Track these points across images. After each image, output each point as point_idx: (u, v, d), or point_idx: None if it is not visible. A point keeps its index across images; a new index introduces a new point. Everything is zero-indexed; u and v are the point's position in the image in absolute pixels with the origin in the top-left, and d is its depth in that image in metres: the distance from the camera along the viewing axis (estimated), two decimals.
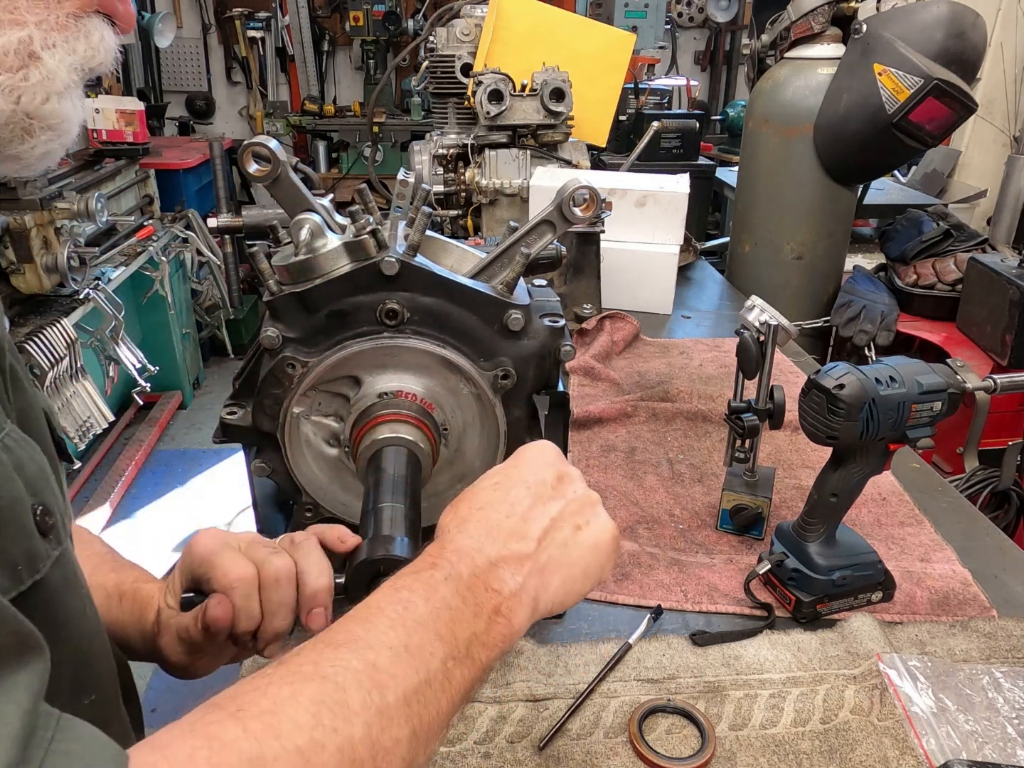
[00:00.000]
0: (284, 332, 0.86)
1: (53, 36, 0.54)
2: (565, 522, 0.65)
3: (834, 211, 2.52)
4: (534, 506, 0.65)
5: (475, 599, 0.58)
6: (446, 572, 0.59)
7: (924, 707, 0.91)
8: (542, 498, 0.66)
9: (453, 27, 2.59)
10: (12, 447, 0.52)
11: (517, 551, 0.62)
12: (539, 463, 0.69)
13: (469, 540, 0.62)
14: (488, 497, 0.66)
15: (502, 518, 0.64)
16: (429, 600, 0.56)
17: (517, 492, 0.66)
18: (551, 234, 0.92)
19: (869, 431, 0.97)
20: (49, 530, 0.54)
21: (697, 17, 6.16)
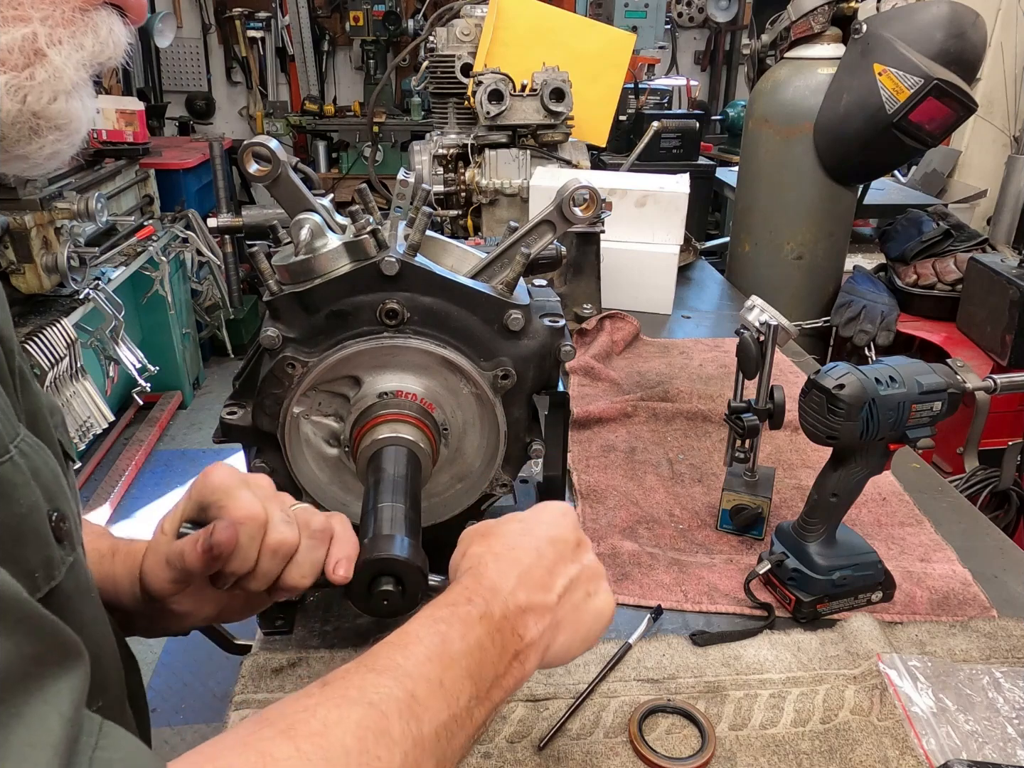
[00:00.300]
0: (284, 332, 0.86)
1: (59, 32, 0.53)
2: (580, 586, 0.68)
3: (834, 211, 2.52)
4: (558, 563, 0.68)
5: (503, 641, 0.61)
6: (481, 610, 0.61)
7: (924, 707, 0.91)
8: (564, 558, 0.69)
9: (453, 27, 2.59)
10: (28, 452, 0.52)
11: (543, 602, 0.65)
12: (562, 524, 0.72)
13: (504, 581, 0.64)
14: (518, 541, 0.68)
15: (533, 565, 0.66)
16: (465, 637, 0.58)
17: (544, 545, 0.68)
18: (551, 234, 0.92)
19: (869, 431, 0.98)
20: (64, 536, 0.54)
21: (697, 17, 6.16)
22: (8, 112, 0.53)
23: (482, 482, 0.97)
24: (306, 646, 0.99)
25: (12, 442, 0.50)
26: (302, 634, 1.01)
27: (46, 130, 0.55)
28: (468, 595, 0.62)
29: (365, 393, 0.88)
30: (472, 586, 0.63)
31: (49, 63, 0.53)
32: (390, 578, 0.70)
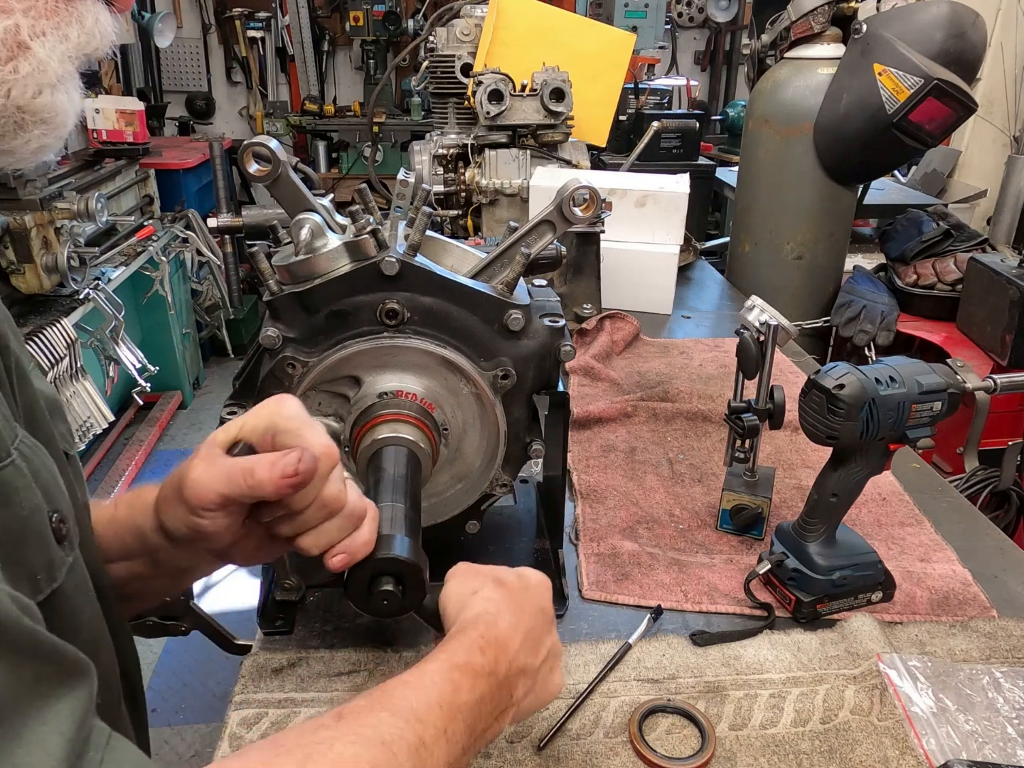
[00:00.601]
0: (284, 332, 0.86)
1: (42, 23, 0.52)
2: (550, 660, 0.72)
3: (834, 211, 2.52)
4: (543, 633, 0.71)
5: (498, 700, 0.64)
6: (491, 666, 0.63)
7: (924, 707, 0.91)
8: (547, 628, 0.72)
9: (453, 27, 2.59)
10: (28, 454, 0.52)
11: (531, 666, 0.68)
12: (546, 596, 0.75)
13: (512, 638, 0.67)
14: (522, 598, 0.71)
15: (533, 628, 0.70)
16: (472, 690, 0.61)
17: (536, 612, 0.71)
18: (551, 234, 0.92)
19: (869, 431, 0.98)
20: (64, 537, 0.54)
21: (697, 17, 6.16)
22: None
23: (482, 482, 0.97)
24: (306, 646, 0.99)
25: (12, 444, 0.50)
26: (302, 634, 1.01)
27: (31, 124, 0.54)
28: (482, 645, 0.64)
29: (365, 393, 0.88)
30: (487, 635, 0.65)
31: (33, 56, 0.52)
32: (390, 578, 0.70)
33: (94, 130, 3.81)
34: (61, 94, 0.55)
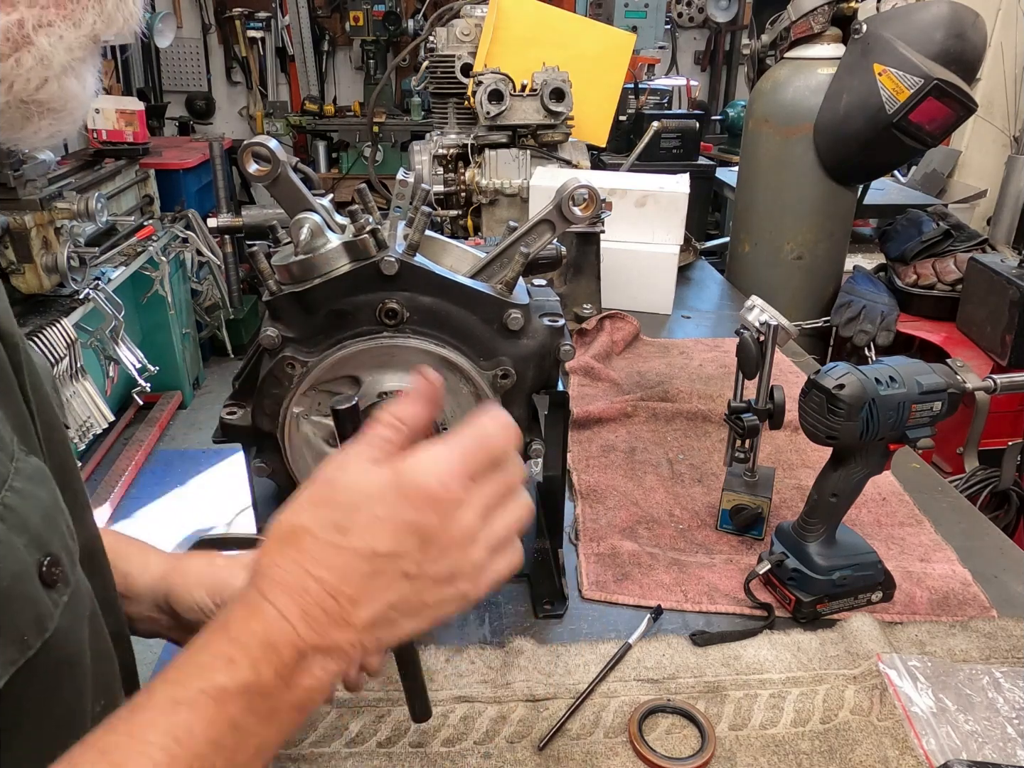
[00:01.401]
0: (284, 332, 0.86)
1: (49, 14, 0.50)
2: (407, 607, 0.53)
3: (834, 211, 2.52)
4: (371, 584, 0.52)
5: (271, 706, 0.50)
6: (244, 679, 0.49)
7: (924, 707, 0.91)
8: (386, 575, 0.52)
9: (453, 27, 2.59)
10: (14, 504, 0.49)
11: (335, 641, 0.51)
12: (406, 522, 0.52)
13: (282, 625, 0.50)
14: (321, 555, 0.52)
15: (326, 595, 0.51)
16: (213, 724, 0.47)
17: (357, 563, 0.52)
18: (551, 234, 0.92)
19: (869, 431, 0.97)
20: (56, 580, 0.51)
21: (697, 17, 6.16)
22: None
23: None
24: None
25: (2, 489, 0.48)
26: None
27: (38, 115, 0.53)
28: (230, 654, 0.49)
29: (365, 393, 0.88)
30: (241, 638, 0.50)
31: (36, 48, 0.50)
32: None
33: (94, 130, 3.81)
34: (70, 80, 0.53)
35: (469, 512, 0.54)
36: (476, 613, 1.08)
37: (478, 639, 1.03)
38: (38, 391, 0.60)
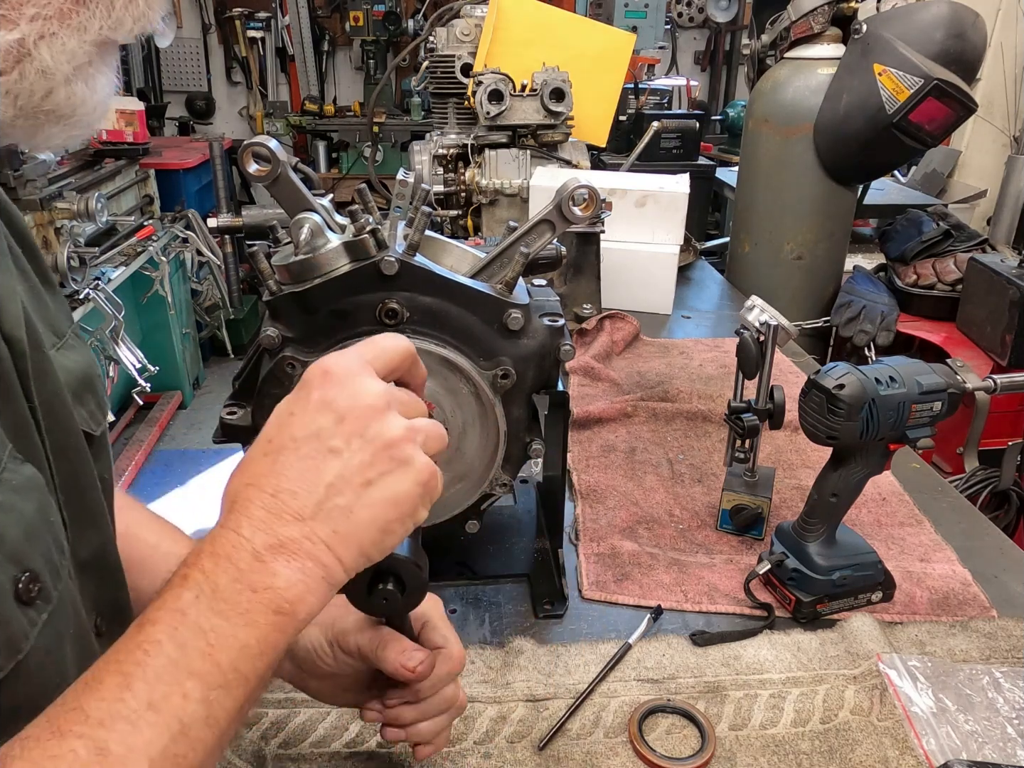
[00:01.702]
0: (284, 332, 0.86)
1: (52, 25, 0.49)
2: (347, 483, 0.53)
3: (834, 211, 2.52)
4: (304, 471, 0.53)
5: (242, 607, 0.50)
6: (197, 589, 0.50)
7: (924, 707, 0.91)
8: (314, 457, 0.54)
9: (453, 27, 2.59)
10: None
11: (288, 535, 0.52)
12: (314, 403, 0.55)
13: (230, 536, 0.52)
14: (257, 468, 0.54)
15: (268, 497, 0.53)
16: (177, 632, 0.48)
17: (285, 457, 0.54)
18: (551, 234, 0.92)
19: (869, 431, 0.98)
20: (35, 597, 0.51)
21: (697, 17, 6.16)
22: (3, 113, 0.50)
23: (482, 482, 0.97)
24: None
25: None
26: None
27: (48, 123, 0.53)
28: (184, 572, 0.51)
29: None
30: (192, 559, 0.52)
31: (37, 60, 0.50)
32: (390, 578, 0.70)
33: None
34: (78, 86, 0.52)
35: (372, 383, 0.56)
36: (476, 613, 1.08)
37: (478, 639, 1.03)
38: (54, 397, 0.59)
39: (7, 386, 0.54)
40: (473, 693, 0.93)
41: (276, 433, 0.55)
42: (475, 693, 0.93)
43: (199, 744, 0.47)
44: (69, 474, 0.60)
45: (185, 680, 0.47)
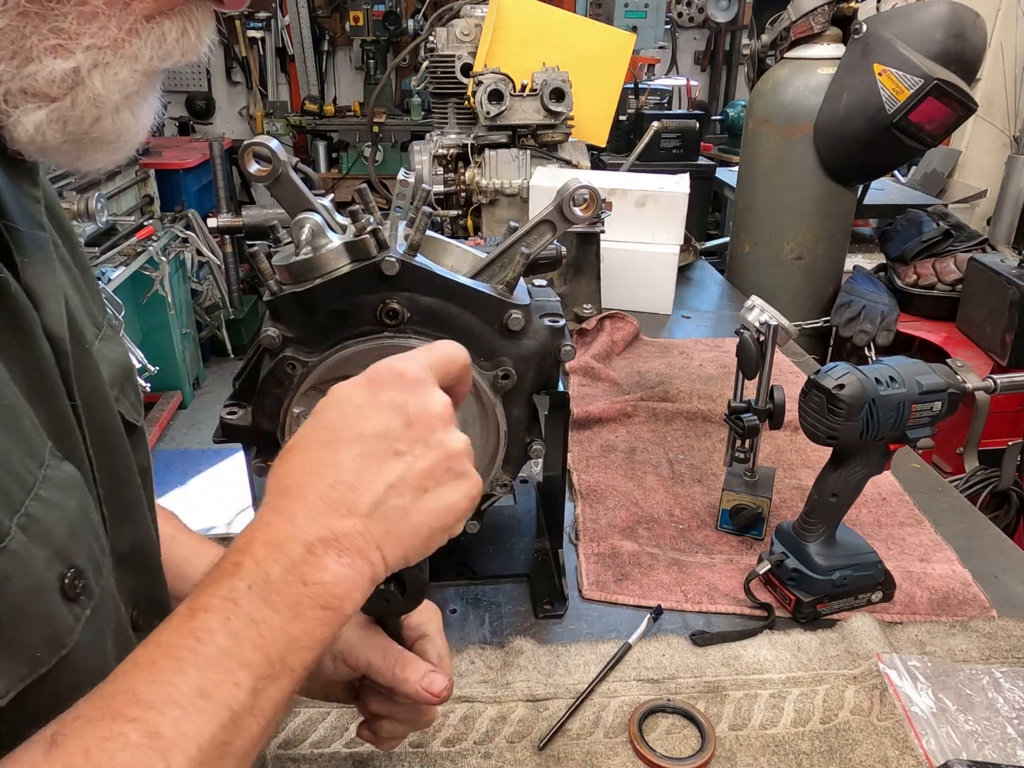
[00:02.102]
0: (284, 332, 0.86)
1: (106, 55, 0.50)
2: (407, 486, 0.54)
3: (834, 211, 2.52)
4: (366, 467, 0.54)
5: (292, 599, 0.50)
6: (250, 579, 0.50)
7: (924, 707, 0.91)
8: (378, 456, 0.54)
9: (453, 27, 2.59)
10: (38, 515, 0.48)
11: (342, 530, 0.52)
12: (384, 403, 0.55)
13: (284, 525, 0.52)
14: (315, 457, 0.55)
15: (326, 487, 0.53)
16: (229, 621, 0.49)
17: (348, 451, 0.54)
18: (551, 234, 0.92)
19: (869, 431, 0.98)
20: (80, 593, 0.51)
21: (697, 17, 6.16)
22: (51, 140, 0.51)
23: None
24: None
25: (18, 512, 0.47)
26: None
27: (92, 149, 0.53)
28: (236, 560, 0.51)
29: None
30: (243, 544, 0.52)
31: (90, 89, 0.50)
32: (390, 578, 0.70)
33: None
34: (124, 114, 0.53)
35: (440, 394, 0.57)
36: (476, 613, 1.08)
37: (478, 639, 1.03)
38: (93, 394, 0.59)
39: (50, 385, 0.54)
40: (473, 693, 0.93)
41: (340, 424, 0.55)
42: (475, 693, 0.93)
43: (246, 733, 0.48)
44: (108, 469, 0.60)
45: (236, 670, 0.48)
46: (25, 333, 0.52)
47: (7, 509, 0.46)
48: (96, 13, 0.48)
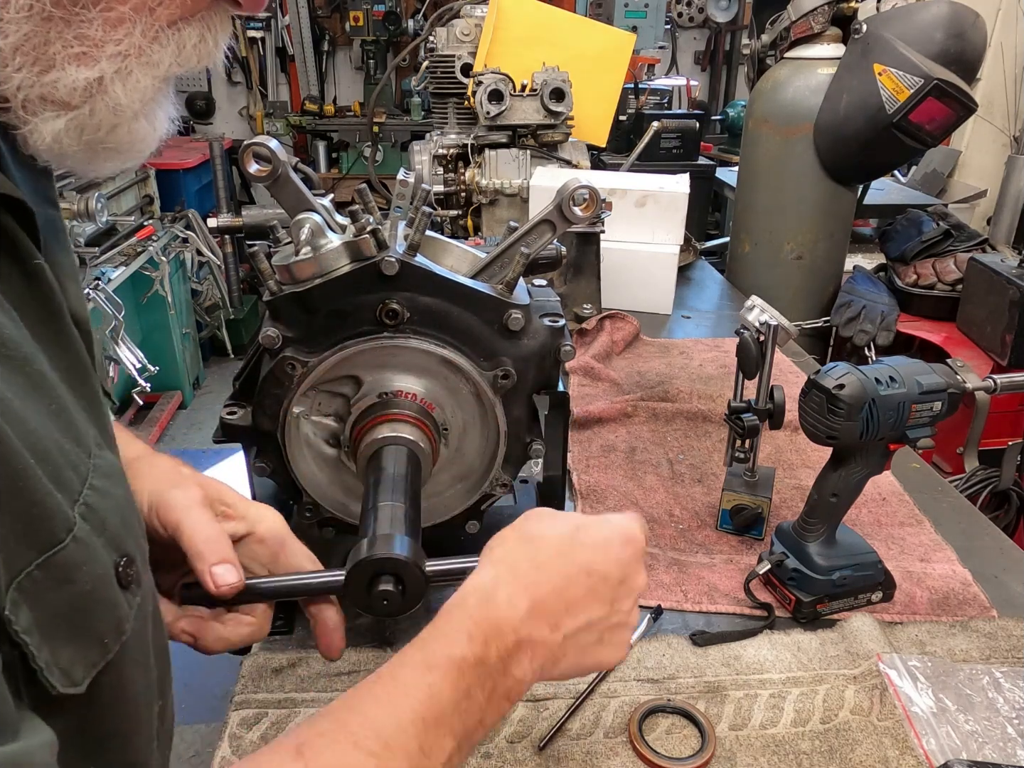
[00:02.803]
0: (284, 332, 0.86)
1: (129, 63, 0.49)
2: (596, 631, 0.63)
3: (834, 211, 2.52)
4: (582, 600, 0.62)
5: (492, 685, 0.57)
6: (479, 654, 0.57)
7: (924, 707, 0.91)
8: (594, 596, 0.63)
9: (453, 27, 2.59)
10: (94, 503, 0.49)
11: (545, 640, 0.60)
12: (614, 552, 0.65)
13: (511, 611, 0.59)
14: (549, 561, 0.63)
15: (552, 595, 0.61)
16: (456, 689, 0.55)
17: (577, 575, 0.63)
18: (551, 234, 0.92)
19: (869, 431, 0.97)
20: (131, 580, 0.52)
21: (697, 17, 6.16)
22: (67, 147, 0.50)
23: (482, 482, 0.97)
24: (306, 646, 0.99)
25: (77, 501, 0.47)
26: (302, 634, 1.01)
27: (105, 156, 0.53)
28: (469, 630, 0.58)
29: (365, 393, 0.88)
30: (476, 617, 0.58)
31: (111, 97, 0.50)
32: (390, 577, 0.70)
33: None
34: (140, 122, 0.53)
35: (644, 573, 0.67)
36: None
37: None
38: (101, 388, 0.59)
39: (84, 370, 0.53)
40: None
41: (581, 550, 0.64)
42: None
43: None
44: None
45: (447, 735, 0.54)
46: (57, 318, 0.52)
47: (69, 499, 0.46)
48: (123, 19, 0.48)
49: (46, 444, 0.45)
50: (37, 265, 0.50)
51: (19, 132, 0.49)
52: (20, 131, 0.49)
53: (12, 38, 0.45)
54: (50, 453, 0.45)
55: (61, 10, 0.46)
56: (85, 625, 0.47)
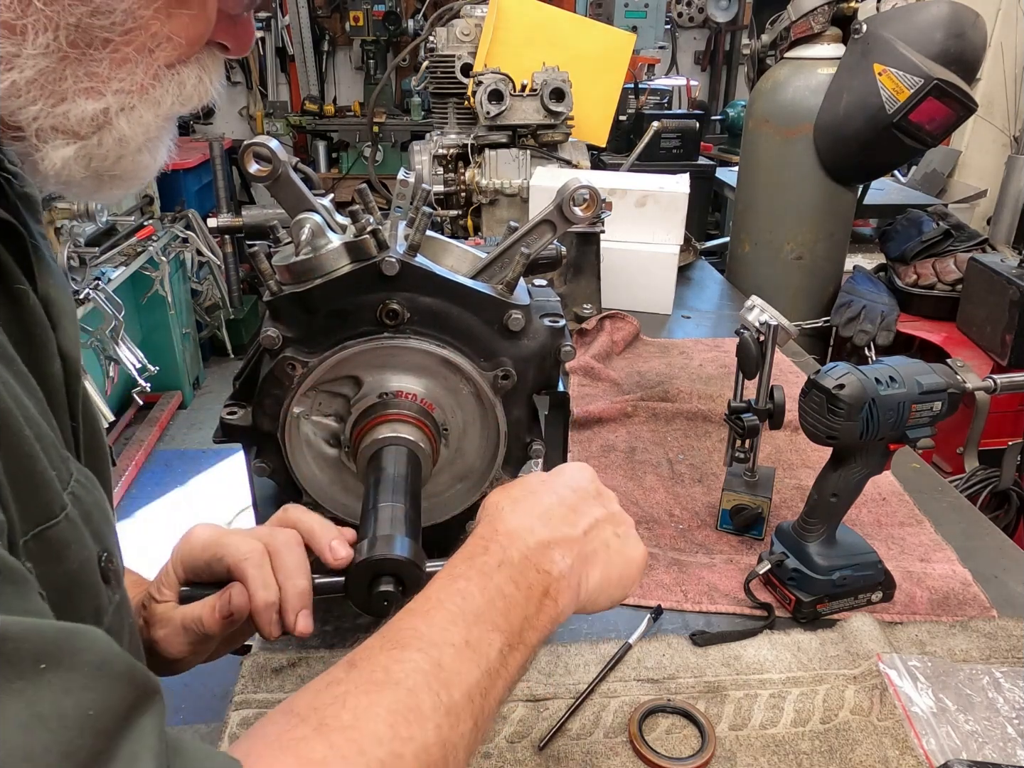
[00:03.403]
0: (284, 332, 0.86)
1: (132, 99, 0.54)
2: (607, 526, 0.69)
3: (834, 211, 2.52)
4: (580, 503, 0.69)
5: (527, 582, 0.61)
6: (499, 557, 0.61)
7: (924, 707, 0.91)
8: (587, 500, 0.70)
9: (453, 27, 2.59)
10: (81, 495, 0.52)
11: (567, 534, 0.65)
12: (580, 477, 0.73)
13: (521, 522, 0.64)
14: (537, 487, 0.70)
15: (553, 505, 0.67)
16: (485, 589, 0.58)
17: (564, 490, 0.70)
18: (551, 234, 0.92)
19: (869, 431, 0.98)
20: (112, 576, 0.54)
21: (697, 17, 6.16)
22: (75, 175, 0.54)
23: (482, 482, 0.97)
24: (306, 646, 0.99)
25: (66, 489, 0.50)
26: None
27: (110, 185, 0.57)
28: (484, 544, 0.62)
29: (365, 393, 0.88)
30: (487, 534, 0.63)
31: (116, 130, 0.54)
32: (390, 578, 0.70)
33: None
34: (144, 155, 0.57)
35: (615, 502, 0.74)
36: None
37: None
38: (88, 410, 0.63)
39: (57, 402, 0.56)
40: None
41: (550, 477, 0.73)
42: None
43: (494, 691, 0.55)
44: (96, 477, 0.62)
45: (491, 631, 0.57)
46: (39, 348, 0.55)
47: (62, 483, 0.50)
48: (127, 59, 0.52)
49: (43, 429, 0.49)
50: (20, 290, 0.53)
51: (31, 158, 0.53)
52: (32, 157, 0.53)
53: (29, 72, 0.49)
54: (46, 438, 0.49)
55: (75, 50, 0.50)
56: (69, 607, 0.48)
